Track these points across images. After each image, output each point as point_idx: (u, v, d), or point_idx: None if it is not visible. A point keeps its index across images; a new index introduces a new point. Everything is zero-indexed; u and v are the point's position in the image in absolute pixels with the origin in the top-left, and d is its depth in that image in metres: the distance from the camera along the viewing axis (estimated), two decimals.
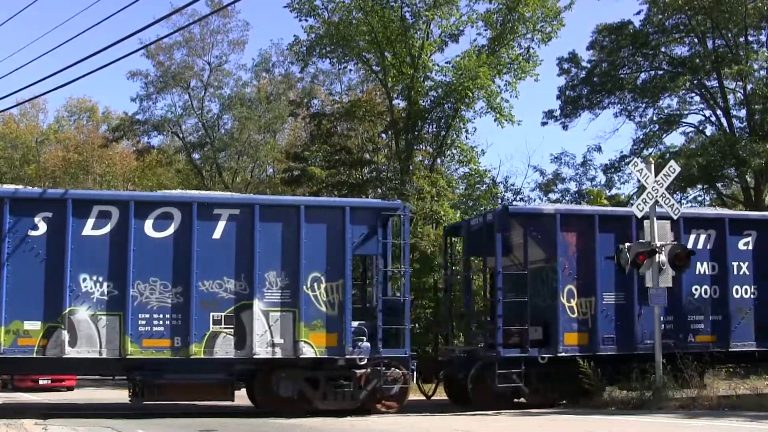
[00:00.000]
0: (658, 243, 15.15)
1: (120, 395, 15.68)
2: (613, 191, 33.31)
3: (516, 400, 15.59)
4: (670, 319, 15.98)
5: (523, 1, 27.62)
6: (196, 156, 38.54)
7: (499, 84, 28.61)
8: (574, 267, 15.66)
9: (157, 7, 60.17)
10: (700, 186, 31.95)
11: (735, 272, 16.60)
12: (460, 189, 30.21)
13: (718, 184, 32.49)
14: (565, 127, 33.16)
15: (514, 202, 29.90)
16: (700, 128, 32.36)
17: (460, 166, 31.04)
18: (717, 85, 30.42)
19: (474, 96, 27.71)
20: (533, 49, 29.16)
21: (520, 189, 33.49)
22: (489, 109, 28.53)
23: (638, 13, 31.29)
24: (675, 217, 15.74)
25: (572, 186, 33.70)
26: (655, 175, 15.71)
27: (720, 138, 29.36)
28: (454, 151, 30.19)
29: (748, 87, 29.51)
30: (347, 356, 14.20)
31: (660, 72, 31.68)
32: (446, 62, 29.07)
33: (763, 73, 29.91)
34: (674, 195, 26.95)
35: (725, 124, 30.64)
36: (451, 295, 18.34)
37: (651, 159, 17.90)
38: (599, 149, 33.35)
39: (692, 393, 14.65)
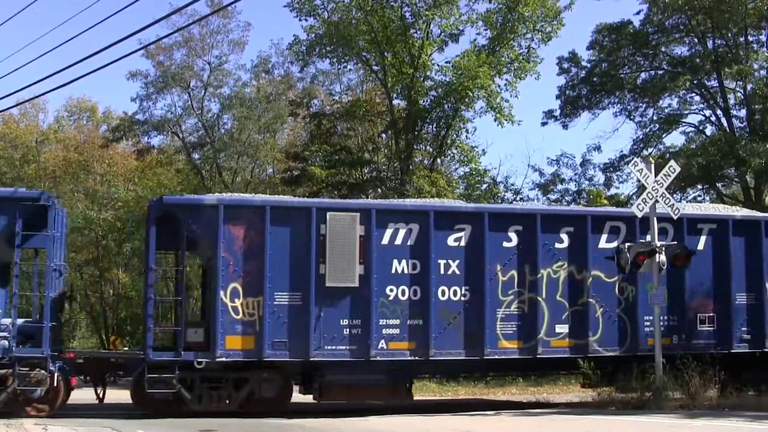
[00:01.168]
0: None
1: (120, 395, 15.63)
2: (612, 191, 33.33)
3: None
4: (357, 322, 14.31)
5: (522, 1, 27.64)
6: (196, 156, 38.50)
7: (499, 84, 28.67)
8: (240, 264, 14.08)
9: (157, 7, 60.26)
10: (700, 186, 31.96)
11: (442, 271, 14.78)
12: (460, 189, 30.22)
13: (718, 184, 32.49)
14: (565, 127, 33.20)
15: (514, 202, 29.91)
16: (700, 128, 32.37)
17: (460, 165, 31.08)
18: (717, 85, 30.42)
19: (474, 96, 27.72)
20: (533, 48, 29.25)
21: (520, 189, 33.54)
22: (489, 109, 28.56)
23: (638, 13, 31.34)
24: (675, 217, 15.75)
25: (572, 186, 33.72)
26: (655, 175, 15.73)
27: (720, 138, 29.35)
28: (454, 151, 30.22)
29: (748, 87, 29.51)
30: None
31: (660, 72, 31.67)
32: (446, 62, 29.14)
33: (763, 73, 29.92)
34: (674, 195, 26.99)
35: (725, 124, 30.65)
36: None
37: (651, 159, 17.89)
38: (599, 149, 33.38)
39: (692, 393, 14.63)
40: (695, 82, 30.57)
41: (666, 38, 31.14)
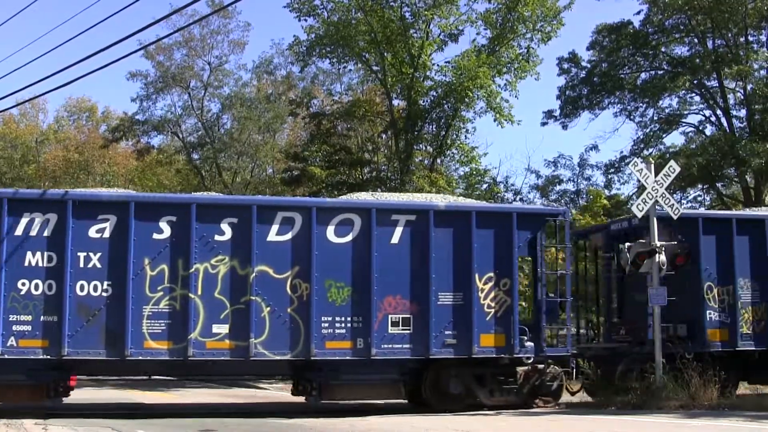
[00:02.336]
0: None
1: (120, 395, 15.68)
2: (612, 191, 33.35)
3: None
4: None
5: (522, 1, 27.62)
6: (195, 156, 38.53)
7: (499, 84, 28.66)
8: None
9: (157, 7, 60.25)
10: (700, 186, 31.97)
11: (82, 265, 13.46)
12: (460, 189, 30.23)
13: (718, 184, 32.50)
14: (564, 127, 33.19)
15: (514, 202, 29.92)
16: (700, 128, 32.38)
17: (460, 166, 31.08)
18: (717, 85, 30.41)
19: (474, 96, 27.72)
20: (533, 48, 29.25)
21: (520, 189, 33.56)
22: (489, 109, 28.56)
23: (638, 13, 31.31)
24: (675, 217, 15.76)
25: (570, 186, 33.75)
26: (655, 175, 15.72)
27: (720, 138, 29.35)
28: (454, 151, 30.22)
29: (748, 87, 29.51)
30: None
31: (660, 72, 31.67)
32: (446, 62, 29.13)
33: (763, 73, 29.92)
34: (674, 195, 27.01)
35: (725, 124, 30.65)
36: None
37: (651, 159, 17.90)
38: (596, 148, 33.40)
39: (692, 393, 14.64)
40: (695, 82, 30.57)
41: (666, 38, 31.14)
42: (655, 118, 32.45)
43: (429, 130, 30.35)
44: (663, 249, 15.39)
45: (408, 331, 14.40)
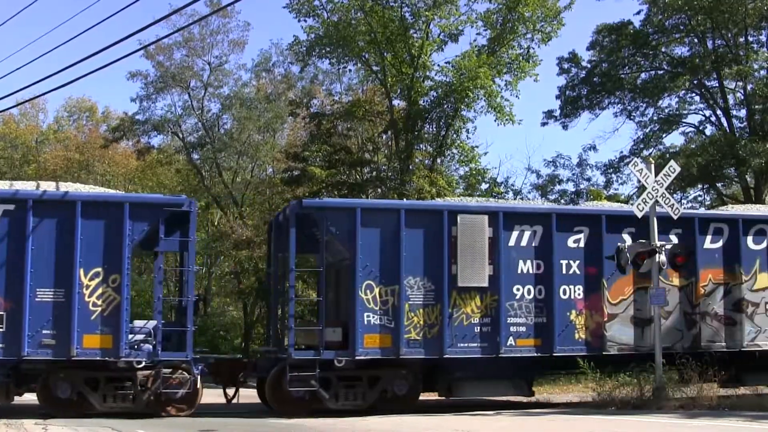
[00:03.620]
0: None
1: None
2: (612, 191, 33.33)
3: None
4: None
5: (522, 1, 27.62)
6: (195, 156, 38.53)
7: (499, 83, 28.66)
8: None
9: (157, 7, 60.23)
10: (700, 186, 31.97)
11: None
12: (460, 189, 30.22)
13: (718, 184, 32.50)
14: (565, 127, 33.20)
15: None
16: (700, 128, 32.39)
17: (460, 165, 31.07)
18: (717, 85, 30.43)
19: (474, 96, 27.71)
20: (533, 49, 29.24)
21: (520, 189, 33.54)
22: (489, 109, 28.55)
23: (638, 13, 31.34)
24: (675, 217, 15.74)
25: (570, 186, 33.73)
26: (655, 175, 15.72)
27: (720, 138, 29.36)
28: (454, 151, 30.21)
29: (748, 87, 29.52)
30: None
31: (660, 72, 31.68)
32: (446, 62, 29.13)
33: (763, 73, 29.91)
34: (674, 195, 27.01)
35: (725, 124, 30.67)
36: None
37: (651, 159, 17.91)
38: (594, 148, 33.41)
39: (693, 393, 14.64)
40: (695, 82, 30.58)
41: (666, 38, 31.15)
42: (655, 118, 32.48)
43: (429, 130, 30.34)
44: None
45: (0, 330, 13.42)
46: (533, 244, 15.62)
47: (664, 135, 32.89)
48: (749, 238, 16.83)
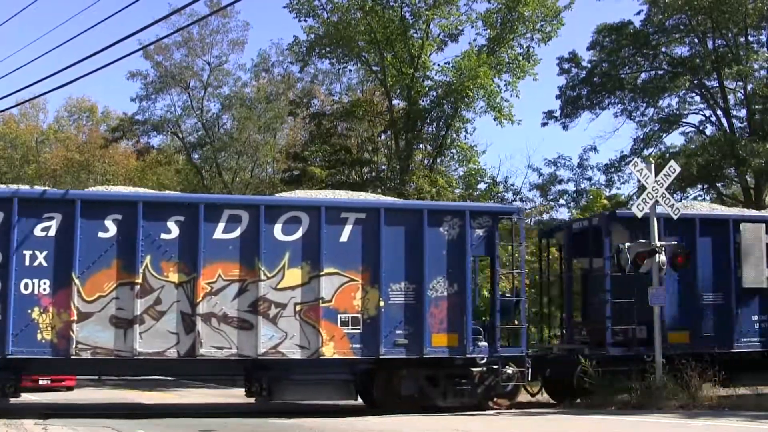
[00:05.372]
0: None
1: (120, 395, 15.68)
2: (613, 191, 33.31)
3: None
4: None
5: (522, 1, 27.62)
6: (195, 156, 38.54)
7: (498, 84, 28.65)
8: None
9: (157, 7, 60.22)
10: (700, 186, 31.94)
11: None
12: (460, 189, 30.23)
13: (718, 184, 32.47)
14: (565, 128, 33.15)
15: (514, 202, 29.90)
16: (700, 128, 32.35)
17: (459, 165, 31.06)
18: (717, 85, 30.39)
19: (474, 96, 27.71)
20: (533, 48, 29.25)
21: (520, 189, 33.50)
22: (489, 109, 28.54)
23: (638, 13, 31.29)
24: (675, 218, 15.73)
25: (570, 186, 33.70)
26: (655, 175, 15.71)
27: (720, 138, 29.34)
28: (454, 151, 30.20)
29: (748, 87, 29.49)
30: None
31: (660, 72, 31.67)
32: (446, 62, 29.13)
33: (763, 73, 29.90)
34: (674, 195, 26.96)
35: (725, 124, 30.63)
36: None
37: (651, 159, 17.90)
38: (595, 149, 33.38)
39: (692, 393, 14.62)
40: (695, 82, 30.57)
41: (666, 38, 31.12)
42: (655, 118, 32.44)
43: (429, 130, 30.34)
44: (663, 249, 15.38)
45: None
46: None
47: (664, 135, 32.86)
48: (277, 227, 14.30)
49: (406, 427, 12.28)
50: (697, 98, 31.96)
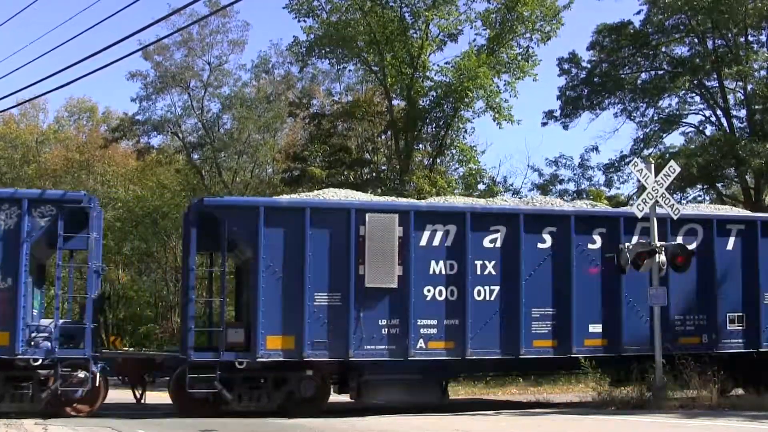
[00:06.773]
0: None
1: (120, 395, 15.64)
2: (613, 191, 33.37)
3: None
4: None
5: (521, 1, 27.64)
6: (195, 156, 38.54)
7: (498, 84, 28.68)
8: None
9: (157, 7, 60.26)
10: (700, 186, 31.98)
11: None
12: (459, 189, 30.25)
13: (718, 184, 32.51)
14: (565, 128, 33.24)
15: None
16: (700, 128, 32.42)
17: (459, 165, 31.09)
18: (717, 85, 30.45)
19: (473, 96, 27.73)
20: (532, 48, 29.29)
21: (520, 189, 33.56)
22: (488, 109, 28.57)
23: (638, 13, 31.38)
24: (675, 218, 15.71)
25: (571, 186, 33.77)
26: (655, 175, 15.70)
27: (720, 138, 29.37)
28: (454, 151, 30.23)
29: (748, 87, 29.55)
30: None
31: (660, 72, 31.71)
32: (445, 62, 29.17)
33: (763, 73, 29.95)
34: (674, 195, 27.00)
35: (725, 124, 30.70)
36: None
37: (651, 159, 17.88)
38: (596, 149, 33.44)
39: (692, 393, 14.61)
40: (695, 82, 30.60)
41: (666, 38, 31.18)
42: (655, 118, 32.50)
43: (428, 130, 30.37)
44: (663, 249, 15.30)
45: None
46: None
47: (664, 135, 32.95)
48: None
49: (406, 427, 12.28)
50: (697, 98, 32.04)
